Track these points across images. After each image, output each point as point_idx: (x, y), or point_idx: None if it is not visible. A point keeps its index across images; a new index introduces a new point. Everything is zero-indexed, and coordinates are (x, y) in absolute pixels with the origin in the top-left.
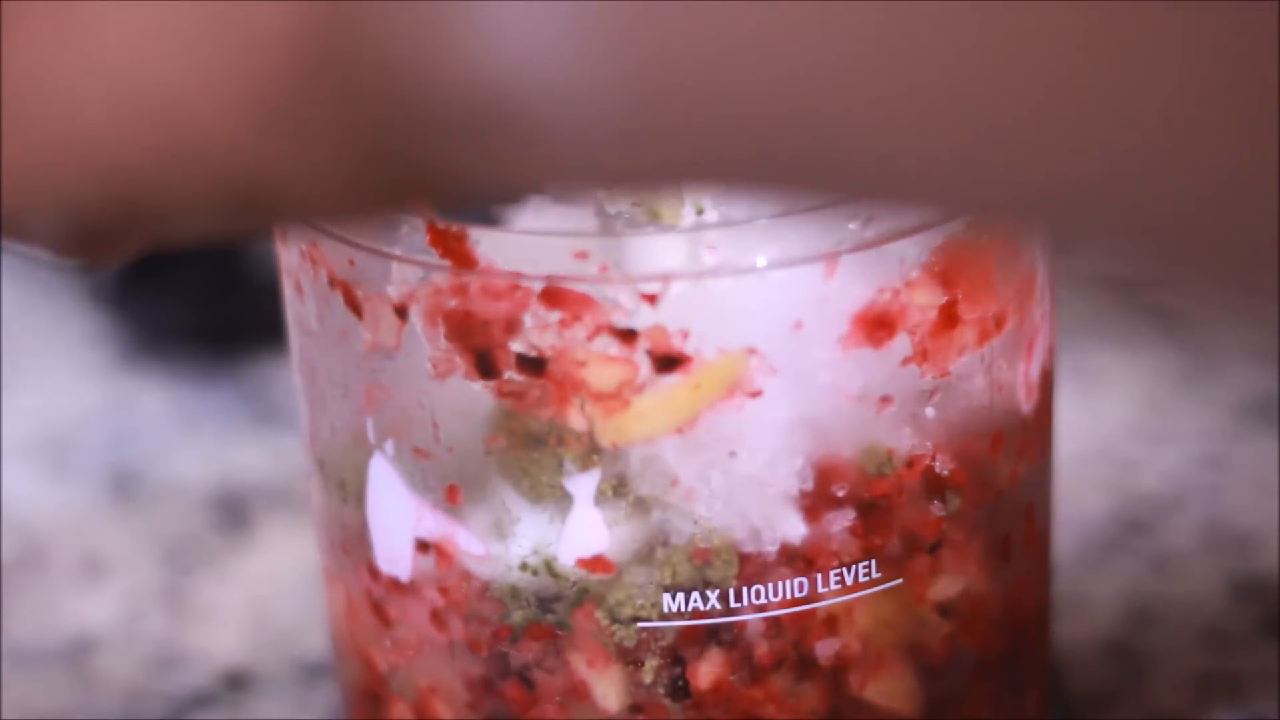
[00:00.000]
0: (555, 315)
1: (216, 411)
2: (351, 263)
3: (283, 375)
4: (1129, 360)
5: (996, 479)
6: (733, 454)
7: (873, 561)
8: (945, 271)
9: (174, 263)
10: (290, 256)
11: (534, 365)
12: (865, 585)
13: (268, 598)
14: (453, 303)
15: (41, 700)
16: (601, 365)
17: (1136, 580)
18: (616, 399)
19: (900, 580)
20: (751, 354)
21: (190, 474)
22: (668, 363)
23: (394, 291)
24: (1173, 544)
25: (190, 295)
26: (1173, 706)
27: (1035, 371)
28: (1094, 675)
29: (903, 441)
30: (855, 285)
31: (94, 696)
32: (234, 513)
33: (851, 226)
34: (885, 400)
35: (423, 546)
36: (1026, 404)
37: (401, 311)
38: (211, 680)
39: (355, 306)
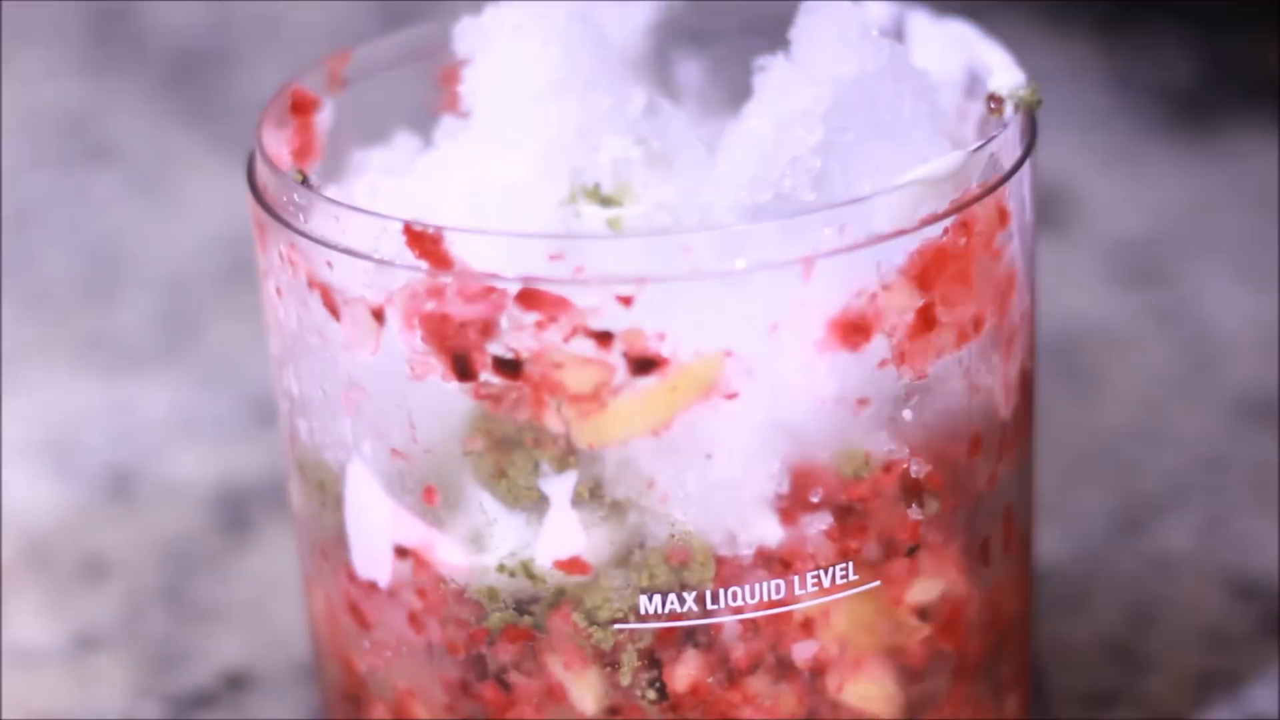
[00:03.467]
0: (531, 317)
1: (216, 411)
2: (329, 264)
3: None
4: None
5: (975, 481)
6: (709, 456)
7: (850, 564)
8: (922, 274)
9: None
10: (269, 257)
11: (510, 367)
12: (842, 588)
13: (268, 598)
14: (429, 305)
15: (41, 700)
16: (578, 367)
17: (1137, 580)
18: (593, 401)
19: (878, 583)
20: (728, 356)
21: (190, 474)
22: (644, 365)
23: (371, 293)
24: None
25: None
26: (1173, 706)
27: (1014, 373)
28: (1094, 675)
29: (880, 444)
30: (832, 288)
31: (94, 696)
32: (234, 513)
33: (828, 230)
34: (862, 403)
35: (400, 550)
36: (1005, 406)
37: (379, 313)
38: (211, 680)
39: (333, 308)
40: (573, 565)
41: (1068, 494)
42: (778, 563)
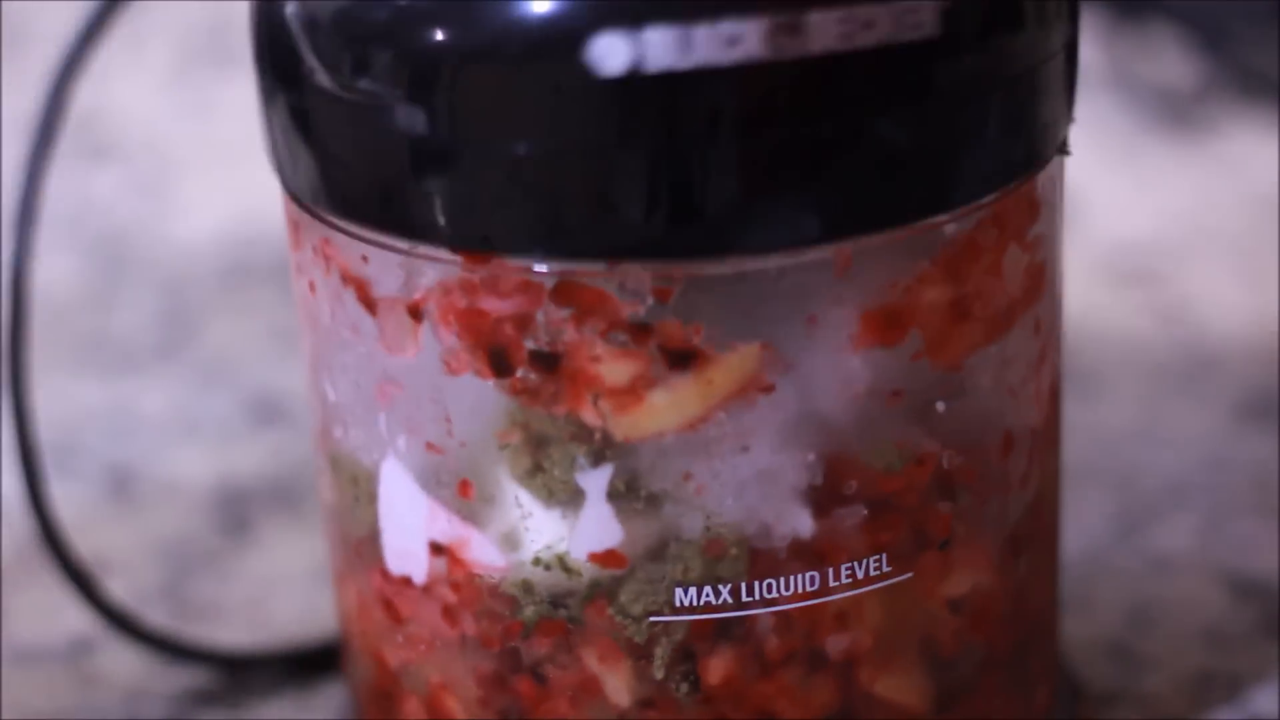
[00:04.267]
0: (568, 311)
1: (216, 411)
2: (365, 259)
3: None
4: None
5: (1006, 475)
6: (745, 449)
7: (883, 557)
8: (955, 268)
9: None
10: (303, 253)
11: (547, 361)
12: (875, 580)
13: (267, 597)
14: (466, 300)
15: (41, 700)
16: (614, 361)
17: (1137, 580)
18: (629, 395)
19: (910, 575)
20: (764, 349)
21: (190, 474)
22: (680, 358)
23: (407, 288)
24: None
25: None
26: (1173, 706)
27: (1046, 366)
28: (1094, 675)
29: (913, 437)
30: (868, 281)
31: (94, 696)
32: (234, 512)
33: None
34: (896, 396)
35: (435, 545)
36: (1036, 399)
37: (414, 309)
38: (211, 680)
39: (369, 304)
40: (608, 559)
41: (1068, 494)
42: (812, 555)
